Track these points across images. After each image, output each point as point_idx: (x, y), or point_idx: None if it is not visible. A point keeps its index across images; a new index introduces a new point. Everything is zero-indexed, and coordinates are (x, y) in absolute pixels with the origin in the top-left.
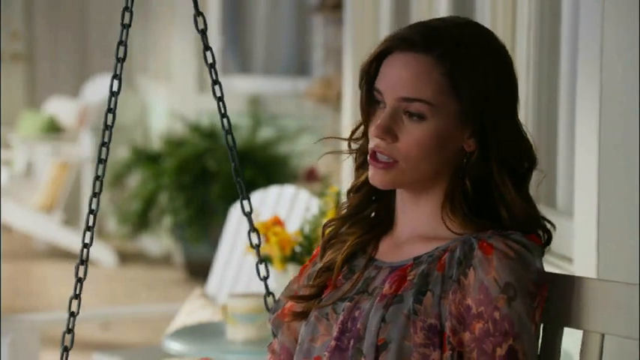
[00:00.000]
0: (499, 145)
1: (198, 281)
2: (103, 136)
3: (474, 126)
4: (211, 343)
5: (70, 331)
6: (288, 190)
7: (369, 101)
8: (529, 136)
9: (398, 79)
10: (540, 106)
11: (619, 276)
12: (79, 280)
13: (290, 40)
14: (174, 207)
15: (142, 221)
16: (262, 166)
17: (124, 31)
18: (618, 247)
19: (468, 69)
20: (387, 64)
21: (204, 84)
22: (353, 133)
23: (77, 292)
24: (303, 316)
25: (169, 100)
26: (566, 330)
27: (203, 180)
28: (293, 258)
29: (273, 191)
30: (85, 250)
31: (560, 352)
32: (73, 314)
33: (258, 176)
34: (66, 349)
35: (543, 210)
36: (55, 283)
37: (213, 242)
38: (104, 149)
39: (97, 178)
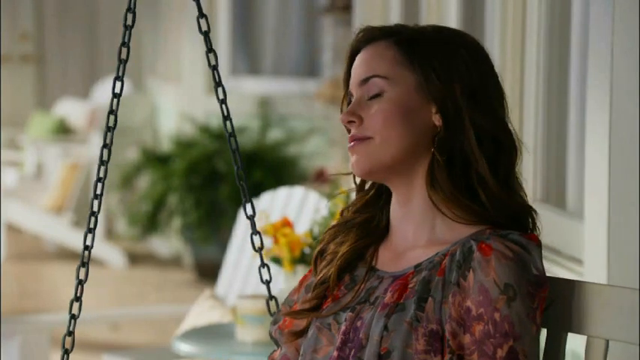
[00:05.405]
0: (468, 121)
1: (207, 282)
2: (105, 138)
3: (438, 101)
4: (221, 345)
5: (70, 333)
6: (297, 192)
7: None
8: (509, 126)
9: (358, 66)
10: (550, 108)
11: (629, 278)
12: (80, 283)
13: (299, 41)
14: (183, 208)
15: (151, 222)
16: (271, 168)
17: (127, 32)
18: (629, 249)
19: (427, 48)
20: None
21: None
22: None
23: (78, 295)
24: (304, 331)
25: (179, 102)
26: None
27: (212, 181)
28: (302, 259)
29: (282, 192)
30: (87, 252)
31: (564, 358)
32: (73, 316)
33: (268, 177)
34: (67, 352)
35: (554, 211)
36: (65, 283)
37: (223, 243)
38: (105, 151)
39: (98, 180)
